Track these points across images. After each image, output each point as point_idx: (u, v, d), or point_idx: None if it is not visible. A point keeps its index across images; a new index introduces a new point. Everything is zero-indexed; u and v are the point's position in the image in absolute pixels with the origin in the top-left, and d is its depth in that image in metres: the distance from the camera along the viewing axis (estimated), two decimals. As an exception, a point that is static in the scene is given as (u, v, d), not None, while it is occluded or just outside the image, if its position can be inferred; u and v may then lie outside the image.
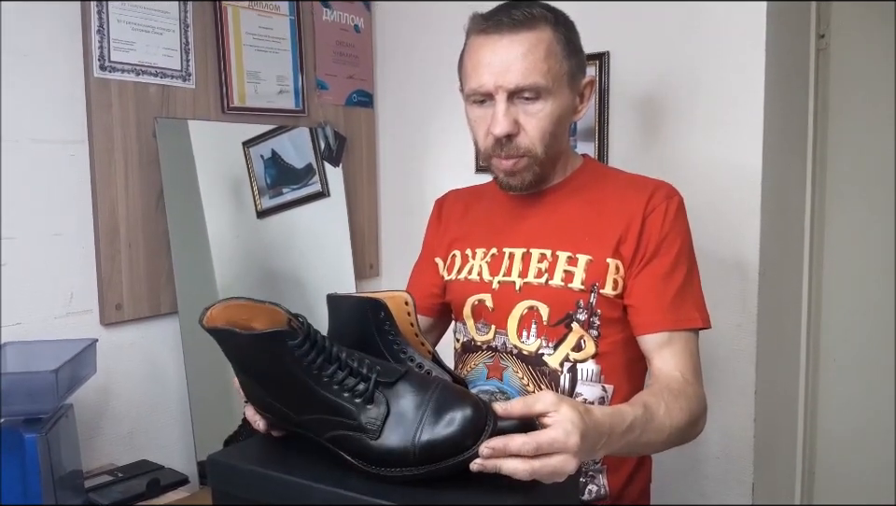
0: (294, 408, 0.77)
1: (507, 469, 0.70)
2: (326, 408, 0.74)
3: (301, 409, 0.76)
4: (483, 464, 0.69)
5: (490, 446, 0.69)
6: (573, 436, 0.72)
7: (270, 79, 1.79)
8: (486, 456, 0.69)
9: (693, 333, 1.06)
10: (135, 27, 1.51)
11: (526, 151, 1.06)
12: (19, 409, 1.15)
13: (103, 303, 1.48)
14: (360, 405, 0.73)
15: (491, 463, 0.69)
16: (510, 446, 0.69)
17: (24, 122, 1.38)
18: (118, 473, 1.40)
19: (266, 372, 0.77)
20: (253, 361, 0.78)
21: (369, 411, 0.73)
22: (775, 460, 1.72)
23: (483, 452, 0.69)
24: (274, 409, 0.80)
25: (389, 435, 0.71)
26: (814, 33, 1.76)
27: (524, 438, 0.70)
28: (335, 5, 1.95)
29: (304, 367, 0.73)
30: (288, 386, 0.76)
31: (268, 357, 0.74)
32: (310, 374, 0.73)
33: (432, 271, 1.24)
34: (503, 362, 1.10)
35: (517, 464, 0.70)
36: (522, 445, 0.70)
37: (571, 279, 1.06)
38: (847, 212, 1.81)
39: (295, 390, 0.75)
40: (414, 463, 0.70)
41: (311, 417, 0.76)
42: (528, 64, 1.01)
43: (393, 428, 0.72)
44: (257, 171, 1.75)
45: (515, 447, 0.69)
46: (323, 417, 0.75)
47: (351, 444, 0.73)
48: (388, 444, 0.71)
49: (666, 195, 1.08)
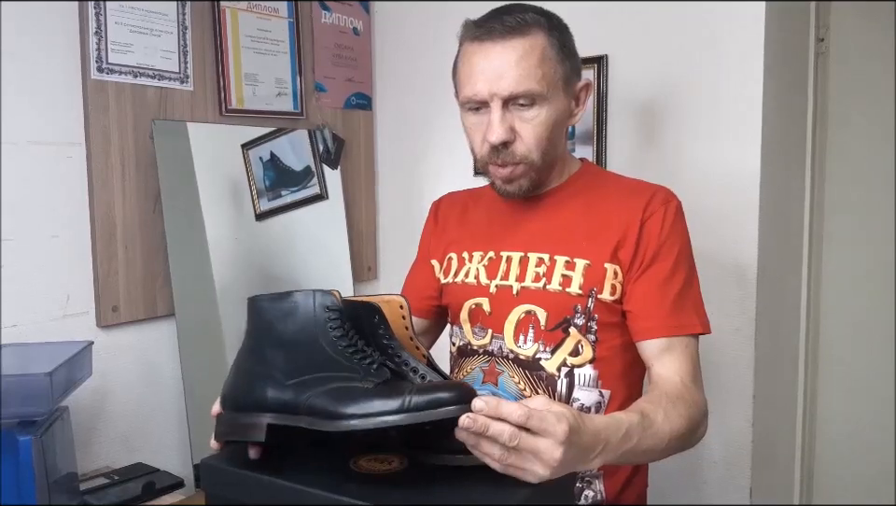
0: (289, 369, 0.79)
1: (494, 429, 0.70)
2: (331, 367, 0.77)
3: (297, 370, 0.78)
4: (475, 418, 0.69)
5: (484, 400, 0.70)
6: (563, 423, 0.73)
7: (268, 82, 1.79)
8: (478, 408, 0.69)
9: (693, 339, 1.05)
10: (133, 29, 1.51)
11: (523, 158, 1.05)
12: (14, 411, 1.14)
13: (99, 306, 1.48)
14: (367, 367, 0.77)
15: (482, 420, 0.69)
16: (502, 406, 0.70)
17: (22, 124, 1.38)
18: (113, 476, 1.39)
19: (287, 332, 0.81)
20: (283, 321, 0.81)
21: (373, 372, 0.76)
22: (773, 465, 1.72)
23: (477, 404, 0.70)
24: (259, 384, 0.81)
25: (381, 392, 0.73)
26: (813, 36, 1.76)
27: (516, 404, 0.71)
28: (334, 7, 1.95)
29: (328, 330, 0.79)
30: (300, 347, 0.79)
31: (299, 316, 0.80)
32: (328, 337, 0.78)
33: (428, 273, 1.24)
34: (499, 367, 1.10)
35: (504, 426, 0.70)
36: (513, 410, 0.70)
37: (569, 284, 1.06)
38: (845, 216, 1.80)
39: (306, 351, 0.79)
40: (402, 412, 0.71)
41: (301, 379, 0.77)
42: (522, 71, 1.00)
43: (385, 389, 0.74)
44: (255, 173, 1.75)
45: (507, 410, 0.70)
46: (321, 375, 0.77)
47: (337, 394, 0.74)
48: (381, 395, 0.72)
49: (664, 200, 1.08)
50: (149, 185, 1.55)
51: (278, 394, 0.78)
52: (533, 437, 0.72)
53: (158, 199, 1.56)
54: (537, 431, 0.72)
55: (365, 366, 0.77)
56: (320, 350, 0.78)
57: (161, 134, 1.56)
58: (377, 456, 0.81)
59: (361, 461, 0.80)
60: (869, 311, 1.79)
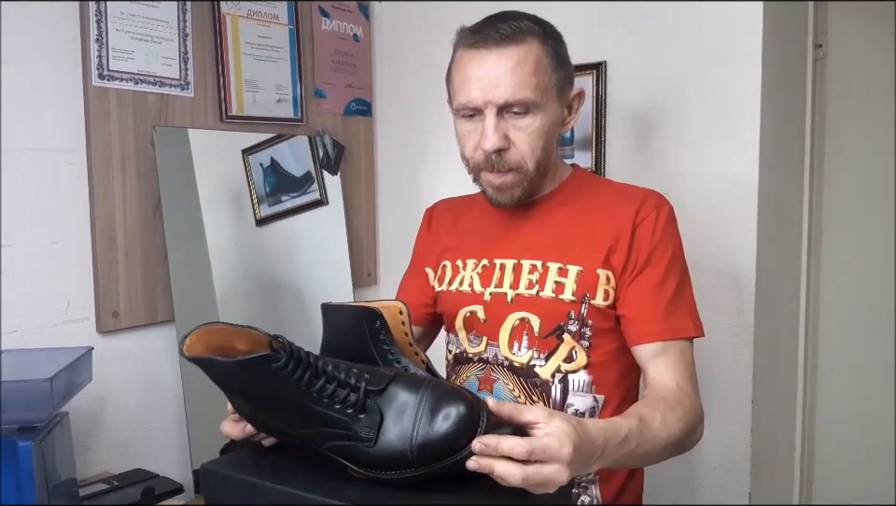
0: (291, 424, 0.78)
1: (499, 471, 0.70)
2: (320, 421, 0.74)
3: (297, 424, 0.77)
4: (478, 462, 0.70)
5: (483, 442, 0.69)
6: (566, 446, 0.72)
7: (268, 88, 1.79)
8: (478, 450, 0.69)
9: (688, 342, 1.05)
10: (134, 36, 1.52)
11: (517, 166, 1.05)
12: (14, 417, 1.14)
13: (99, 311, 1.48)
14: (353, 415, 0.73)
15: (485, 462, 0.69)
16: (501, 445, 0.70)
17: (23, 131, 1.38)
18: (112, 482, 1.39)
19: (256, 395, 0.77)
20: (240, 386, 0.78)
21: (362, 420, 0.73)
22: (772, 471, 1.72)
23: (476, 446, 0.69)
24: (274, 426, 0.81)
25: (385, 440, 0.72)
26: (811, 42, 1.77)
27: (516, 439, 0.71)
28: (334, 14, 1.96)
29: (292, 385, 0.73)
30: (281, 405, 0.76)
31: (254, 380, 0.74)
32: (299, 392, 0.73)
33: (422, 281, 1.24)
34: (494, 374, 1.10)
35: (510, 467, 0.70)
36: (514, 446, 0.70)
37: (562, 290, 1.06)
38: (844, 221, 1.81)
39: (288, 408, 0.76)
40: (413, 464, 0.71)
41: (309, 431, 0.76)
42: (517, 79, 1.01)
43: (389, 432, 0.72)
44: (256, 179, 1.76)
45: (507, 447, 0.70)
46: (320, 430, 0.75)
47: (350, 452, 0.74)
48: (385, 450, 0.72)
49: (656, 204, 1.08)
50: (150, 191, 1.55)
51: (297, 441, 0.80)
52: (539, 468, 0.71)
53: (158, 205, 1.56)
54: (542, 460, 0.71)
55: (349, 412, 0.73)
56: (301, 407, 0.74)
57: (161, 141, 1.56)
58: None
59: None
60: (867, 315, 1.79)
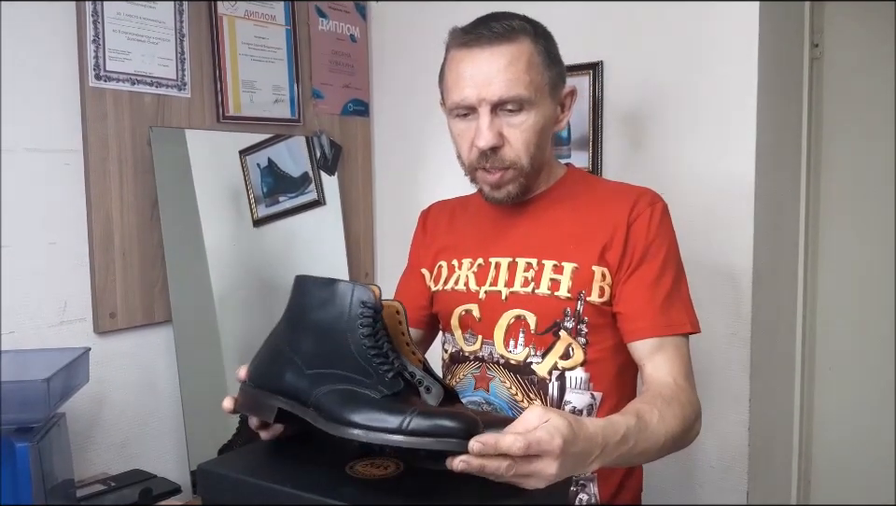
0: (311, 357, 0.80)
1: (490, 467, 0.69)
2: (348, 363, 0.77)
3: (318, 361, 0.80)
4: (468, 461, 0.68)
5: (481, 441, 0.68)
6: (556, 439, 0.72)
7: (265, 89, 1.79)
8: (477, 450, 0.68)
9: (684, 338, 1.06)
10: (131, 37, 1.52)
11: (512, 163, 1.06)
12: (11, 418, 1.14)
13: (97, 312, 1.48)
14: (382, 375, 0.77)
15: (476, 462, 0.69)
16: (500, 443, 0.69)
17: (19, 131, 1.38)
18: (110, 482, 1.39)
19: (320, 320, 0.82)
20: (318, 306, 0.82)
21: (387, 381, 0.76)
22: (770, 469, 1.72)
23: (474, 446, 0.68)
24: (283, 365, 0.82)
25: (387, 404, 0.73)
26: (808, 41, 1.77)
27: (513, 436, 0.70)
28: (331, 14, 1.96)
29: (357, 327, 0.79)
30: (328, 337, 0.80)
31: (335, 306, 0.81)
32: (356, 335, 0.79)
33: (419, 282, 1.24)
34: (490, 372, 1.10)
35: (499, 463, 0.70)
36: (512, 443, 0.69)
37: (558, 287, 1.06)
38: (841, 219, 1.81)
39: (332, 343, 0.80)
40: (402, 432, 0.71)
41: (321, 371, 0.78)
42: (511, 76, 1.01)
43: (393, 402, 0.73)
44: (253, 179, 1.76)
45: (506, 445, 0.69)
46: (334, 371, 0.77)
47: (345, 397, 0.75)
48: (384, 409, 0.72)
49: (650, 201, 1.09)
50: (147, 192, 1.55)
51: (295, 381, 0.81)
52: (529, 461, 0.71)
53: (155, 206, 1.56)
54: (534, 454, 0.71)
55: (381, 372, 0.77)
56: (345, 346, 0.79)
57: (158, 141, 1.56)
58: (373, 460, 0.81)
59: (358, 466, 0.80)
60: (865, 313, 1.80)
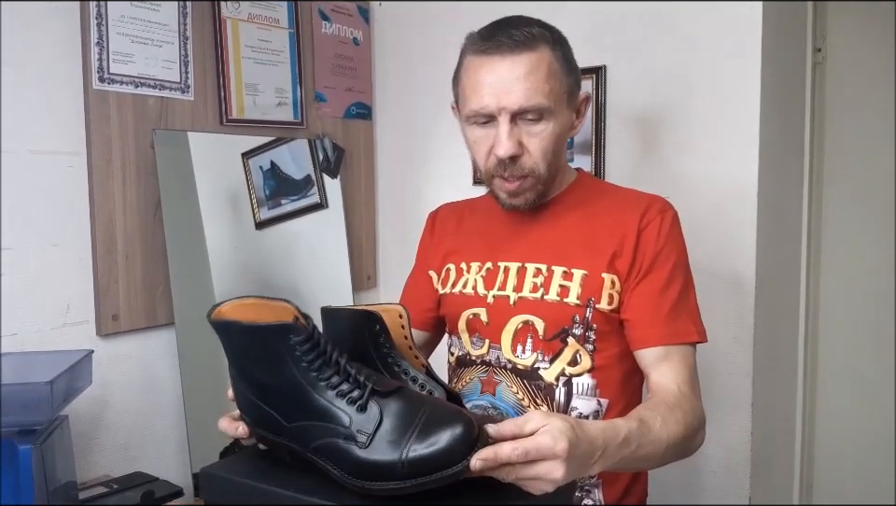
0: (285, 412, 0.76)
1: (494, 475, 0.69)
2: (318, 413, 0.73)
3: (292, 414, 0.76)
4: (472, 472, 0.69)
5: (481, 458, 0.68)
6: (561, 442, 0.72)
7: (269, 92, 1.79)
8: (478, 468, 0.68)
9: (691, 347, 1.05)
10: (135, 40, 1.52)
11: (530, 172, 1.05)
12: (14, 420, 1.14)
13: (99, 314, 1.48)
14: (353, 412, 0.73)
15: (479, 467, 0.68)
16: (500, 455, 0.69)
17: (23, 133, 1.38)
18: (112, 485, 1.39)
19: (263, 370, 0.77)
20: (253, 357, 0.77)
21: (360, 418, 0.72)
22: (772, 474, 1.71)
23: (476, 465, 0.68)
24: (266, 417, 0.79)
25: (378, 446, 0.71)
26: (810, 46, 1.77)
27: (512, 444, 0.70)
28: (334, 17, 1.96)
29: (302, 367, 0.73)
30: (283, 387, 0.75)
31: (269, 351, 0.74)
32: (307, 375, 0.73)
33: (426, 284, 1.24)
34: (497, 377, 1.10)
35: (504, 470, 0.70)
36: (511, 452, 0.69)
37: (567, 294, 1.06)
38: (843, 225, 1.81)
39: (289, 391, 0.75)
40: (401, 477, 0.69)
41: (301, 424, 0.75)
42: (531, 85, 1.01)
43: (383, 440, 0.71)
44: (256, 182, 1.76)
45: (505, 455, 0.69)
46: (313, 424, 0.74)
47: (338, 455, 0.72)
48: (376, 456, 0.70)
49: (661, 209, 1.08)
50: (150, 194, 1.56)
51: (287, 433, 0.77)
52: (533, 465, 0.71)
53: (158, 208, 1.56)
54: (537, 457, 0.71)
55: (351, 402, 0.72)
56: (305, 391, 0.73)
57: (161, 144, 1.56)
58: None
59: None
60: (867, 318, 1.79)
